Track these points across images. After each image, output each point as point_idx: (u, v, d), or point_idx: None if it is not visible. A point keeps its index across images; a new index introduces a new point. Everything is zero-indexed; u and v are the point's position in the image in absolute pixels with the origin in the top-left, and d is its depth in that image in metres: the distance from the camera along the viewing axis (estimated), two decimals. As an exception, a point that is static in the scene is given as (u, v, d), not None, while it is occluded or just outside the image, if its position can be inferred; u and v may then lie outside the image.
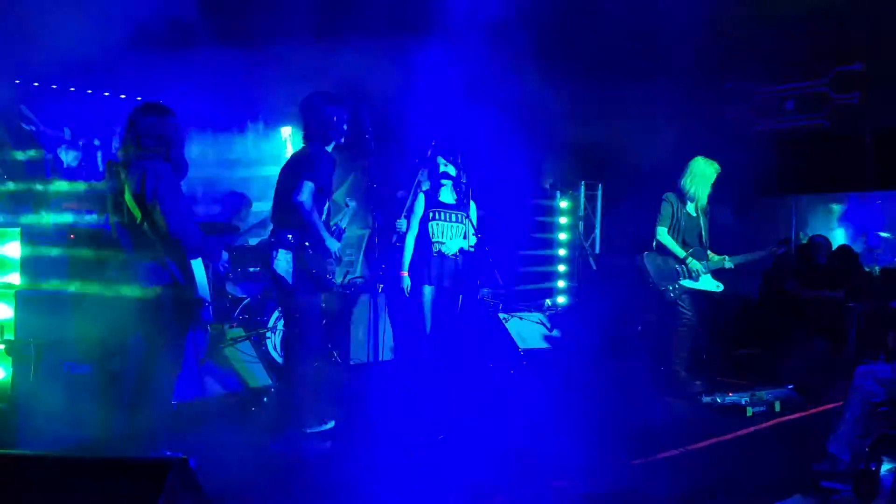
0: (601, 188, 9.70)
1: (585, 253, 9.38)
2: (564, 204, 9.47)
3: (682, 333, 6.18)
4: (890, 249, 8.98)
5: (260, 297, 6.29)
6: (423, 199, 5.53)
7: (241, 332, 5.72)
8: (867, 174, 8.36)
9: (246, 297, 6.28)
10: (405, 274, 5.43)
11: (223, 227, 5.82)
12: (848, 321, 7.04)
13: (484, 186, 6.15)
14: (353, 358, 7.02)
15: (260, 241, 6.50)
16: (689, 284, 6.19)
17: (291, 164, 4.64)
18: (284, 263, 4.45)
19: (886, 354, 6.00)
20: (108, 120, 7.04)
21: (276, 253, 4.49)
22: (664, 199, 6.28)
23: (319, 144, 4.62)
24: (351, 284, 7.22)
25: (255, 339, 5.80)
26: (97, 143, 6.62)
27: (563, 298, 9.33)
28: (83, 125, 6.83)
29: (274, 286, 4.73)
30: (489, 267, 5.73)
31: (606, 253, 9.48)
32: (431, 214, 5.49)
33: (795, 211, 9.61)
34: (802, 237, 9.10)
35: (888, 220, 9.28)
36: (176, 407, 4.54)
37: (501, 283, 7.18)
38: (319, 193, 4.48)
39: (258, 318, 6.16)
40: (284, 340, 5.25)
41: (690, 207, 6.29)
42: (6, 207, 5.27)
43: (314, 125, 4.64)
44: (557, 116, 7.47)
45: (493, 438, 4.65)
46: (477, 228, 5.61)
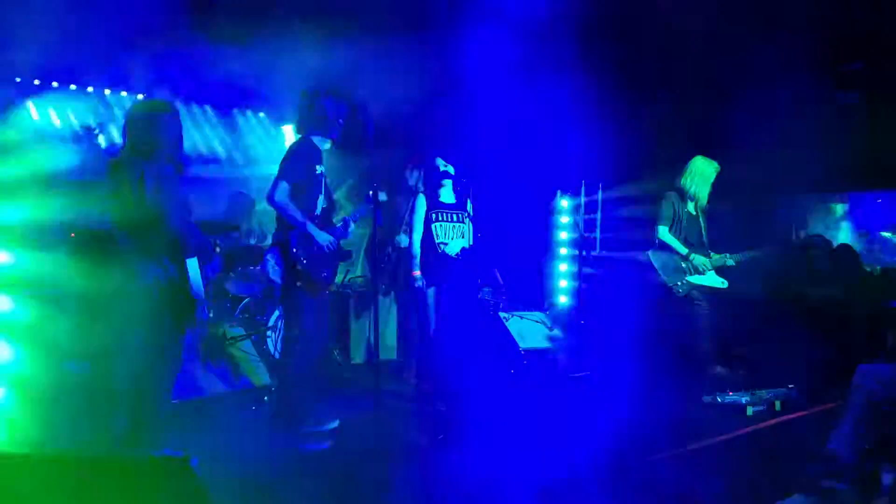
0: (601, 188, 9.69)
1: (586, 253, 9.36)
2: (565, 203, 9.46)
3: (702, 326, 6.17)
4: (890, 249, 8.96)
5: (260, 296, 6.30)
6: (422, 199, 5.52)
7: (241, 331, 5.72)
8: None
9: (246, 296, 6.29)
10: (417, 273, 5.41)
11: (223, 226, 5.82)
12: (848, 321, 7.02)
13: (484, 187, 6.14)
14: (353, 357, 7.04)
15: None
16: (695, 280, 6.21)
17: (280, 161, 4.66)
18: (272, 263, 4.49)
19: (886, 354, 5.99)
20: (108, 118, 7.05)
21: (266, 254, 4.57)
22: (665, 197, 6.28)
23: (307, 137, 4.61)
24: (351, 284, 7.22)
25: (255, 338, 5.80)
26: (97, 142, 6.61)
27: (563, 298, 9.32)
28: (83, 124, 6.82)
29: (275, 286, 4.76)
30: (489, 266, 5.72)
31: (607, 253, 9.46)
32: (434, 216, 5.48)
33: (795, 211, 9.59)
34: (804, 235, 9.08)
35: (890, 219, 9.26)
36: (176, 406, 4.54)
37: (501, 282, 7.19)
38: (305, 187, 4.48)
39: (258, 317, 6.17)
40: (282, 339, 5.26)
41: (691, 206, 6.28)
42: (6, 205, 5.27)
43: (304, 117, 4.64)
44: (558, 116, 7.46)
45: (492, 438, 4.64)
46: (476, 227, 5.61)
